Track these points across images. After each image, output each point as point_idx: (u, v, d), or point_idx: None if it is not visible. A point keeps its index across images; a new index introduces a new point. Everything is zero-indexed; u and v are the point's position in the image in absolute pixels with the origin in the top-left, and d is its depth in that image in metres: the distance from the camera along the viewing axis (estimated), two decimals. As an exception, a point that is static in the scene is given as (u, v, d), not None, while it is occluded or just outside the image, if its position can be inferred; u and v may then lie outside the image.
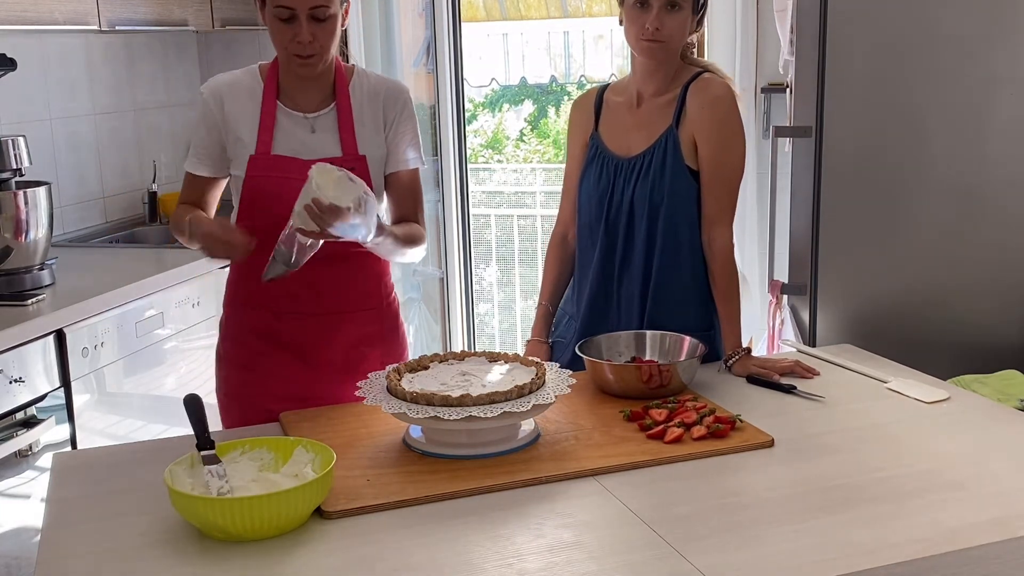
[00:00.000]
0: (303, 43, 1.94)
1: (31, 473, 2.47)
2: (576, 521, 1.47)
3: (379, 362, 2.10)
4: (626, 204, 2.15)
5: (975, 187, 2.52)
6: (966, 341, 2.55)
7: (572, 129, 2.30)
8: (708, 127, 2.11)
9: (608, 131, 2.22)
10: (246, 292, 2.13)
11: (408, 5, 4.37)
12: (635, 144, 2.17)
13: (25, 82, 3.26)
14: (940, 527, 1.43)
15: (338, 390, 2.07)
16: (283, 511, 1.41)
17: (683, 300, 2.16)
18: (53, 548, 1.44)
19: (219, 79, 2.09)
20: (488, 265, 6.65)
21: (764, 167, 3.90)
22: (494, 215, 6.75)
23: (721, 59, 4.01)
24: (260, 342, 2.12)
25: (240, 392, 2.14)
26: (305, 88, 2.06)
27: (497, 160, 8.05)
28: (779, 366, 2.07)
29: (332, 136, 2.06)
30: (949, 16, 2.45)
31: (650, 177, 2.12)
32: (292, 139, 2.04)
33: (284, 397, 2.06)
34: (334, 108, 2.07)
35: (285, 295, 2.07)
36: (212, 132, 2.07)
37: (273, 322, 2.10)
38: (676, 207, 2.12)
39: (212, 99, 2.06)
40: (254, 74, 2.09)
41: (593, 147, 2.23)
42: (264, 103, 2.05)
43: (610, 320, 2.21)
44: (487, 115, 8.37)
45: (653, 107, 2.17)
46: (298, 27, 1.93)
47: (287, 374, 2.11)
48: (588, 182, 2.22)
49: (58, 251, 3.05)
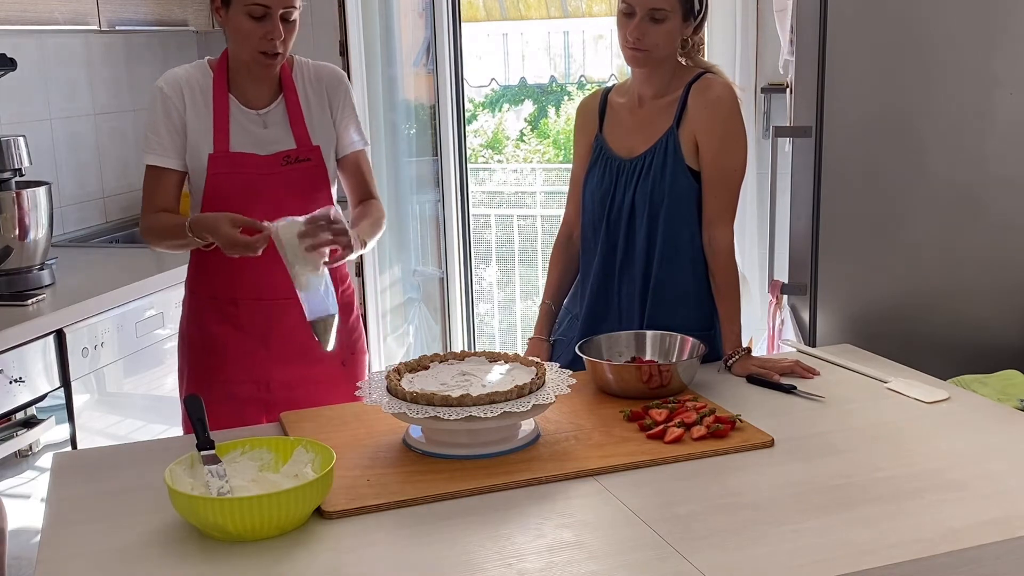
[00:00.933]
0: (275, 40, 2.01)
1: (31, 473, 2.47)
2: (576, 521, 1.47)
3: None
4: (627, 204, 2.16)
5: (975, 187, 2.52)
6: (966, 341, 2.55)
7: (577, 131, 2.31)
8: (709, 127, 2.11)
9: (612, 132, 2.23)
10: (205, 280, 2.20)
11: (408, 5, 4.37)
12: (637, 145, 2.17)
13: (25, 82, 3.26)
14: (940, 527, 1.43)
15: (295, 370, 2.19)
16: (283, 511, 1.41)
17: (683, 300, 2.16)
18: (53, 548, 1.44)
19: (175, 73, 2.13)
20: (488, 265, 6.65)
21: (764, 167, 3.90)
22: (494, 215, 6.76)
23: (721, 59, 4.01)
24: (221, 326, 2.19)
25: (204, 373, 2.21)
26: (256, 84, 2.12)
27: (497, 160, 8.05)
28: (779, 366, 2.07)
29: (284, 129, 2.14)
30: (949, 17, 2.45)
31: (651, 177, 2.13)
32: (247, 135, 2.09)
33: (246, 380, 2.19)
34: (282, 101, 2.15)
35: (242, 283, 2.15)
36: (176, 124, 2.09)
37: (231, 308, 2.18)
38: (677, 207, 2.12)
39: (173, 92, 2.10)
40: (204, 69, 2.14)
41: (597, 148, 2.24)
42: (216, 99, 2.10)
43: (610, 319, 2.22)
44: (487, 115, 8.37)
45: (655, 108, 2.17)
46: (271, 25, 2.00)
47: (248, 356, 2.19)
48: (592, 183, 2.23)
49: (58, 251, 3.05)
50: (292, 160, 2.12)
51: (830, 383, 2.03)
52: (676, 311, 2.15)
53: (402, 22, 4.34)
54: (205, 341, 2.21)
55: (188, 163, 2.12)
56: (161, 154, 2.10)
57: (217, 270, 2.16)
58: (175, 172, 2.12)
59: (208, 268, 2.18)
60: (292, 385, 2.20)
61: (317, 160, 2.15)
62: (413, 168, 4.50)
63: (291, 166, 2.12)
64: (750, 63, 3.97)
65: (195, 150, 2.09)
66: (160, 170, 2.12)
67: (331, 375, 2.23)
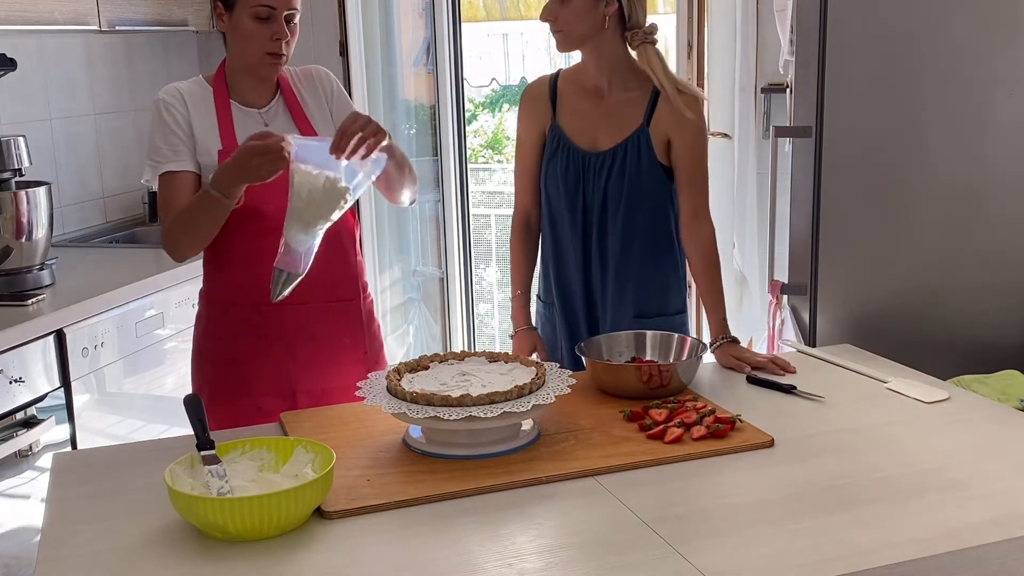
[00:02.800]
0: (281, 41, 2.04)
1: (31, 473, 2.47)
2: (576, 521, 1.47)
3: (357, 352, 2.20)
4: (599, 197, 2.23)
5: (975, 187, 2.52)
6: (966, 341, 2.55)
7: (525, 118, 2.33)
8: (685, 130, 2.19)
9: (569, 122, 2.26)
10: (223, 288, 2.15)
11: (408, 5, 4.37)
12: (602, 138, 2.23)
13: (25, 82, 3.26)
14: (940, 527, 1.43)
15: (321, 380, 2.15)
16: (283, 511, 1.41)
17: (663, 286, 2.28)
18: (53, 548, 1.44)
19: (173, 86, 2.14)
20: (488, 265, 6.65)
21: (764, 167, 3.89)
22: (494, 215, 6.75)
23: (721, 59, 4.01)
24: (243, 337, 2.14)
25: (228, 389, 2.15)
26: (255, 86, 2.14)
27: (497, 160, 8.05)
28: (754, 360, 2.10)
29: (287, 125, 2.14)
30: (949, 16, 2.45)
31: (626, 172, 2.20)
32: (251, 132, 2.07)
33: (271, 392, 2.13)
34: (281, 99, 2.16)
35: (264, 287, 2.08)
36: (183, 127, 2.08)
37: (255, 315, 2.13)
38: (651, 200, 2.23)
39: (174, 100, 2.10)
40: (201, 83, 2.16)
41: (554, 138, 2.27)
42: (218, 104, 2.12)
43: (589, 308, 2.30)
44: (487, 115, 8.37)
45: (621, 101, 2.22)
46: (276, 26, 2.04)
47: (273, 367, 2.14)
48: (554, 173, 2.27)
49: (58, 251, 3.05)
50: None
51: (830, 383, 2.03)
52: (653, 297, 2.26)
53: (402, 22, 4.34)
54: (226, 353, 2.15)
55: (200, 163, 2.09)
56: (174, 159, 2.07)
57: (239, 275, 2.10)
58: (190, 174, 2.08)
59: (229, 274, 2.13)
60: (317, 394, 2.15)
61: None
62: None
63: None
64: (750, 63, 3.97)
65: (204, 148, 2.08)
66: (174, 175, 2.07)
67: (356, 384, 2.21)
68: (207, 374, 2.19)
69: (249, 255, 2.08)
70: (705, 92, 3.87)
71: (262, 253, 2.05)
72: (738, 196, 4.05)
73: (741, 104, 3.99)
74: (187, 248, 2.07)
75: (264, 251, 2.07)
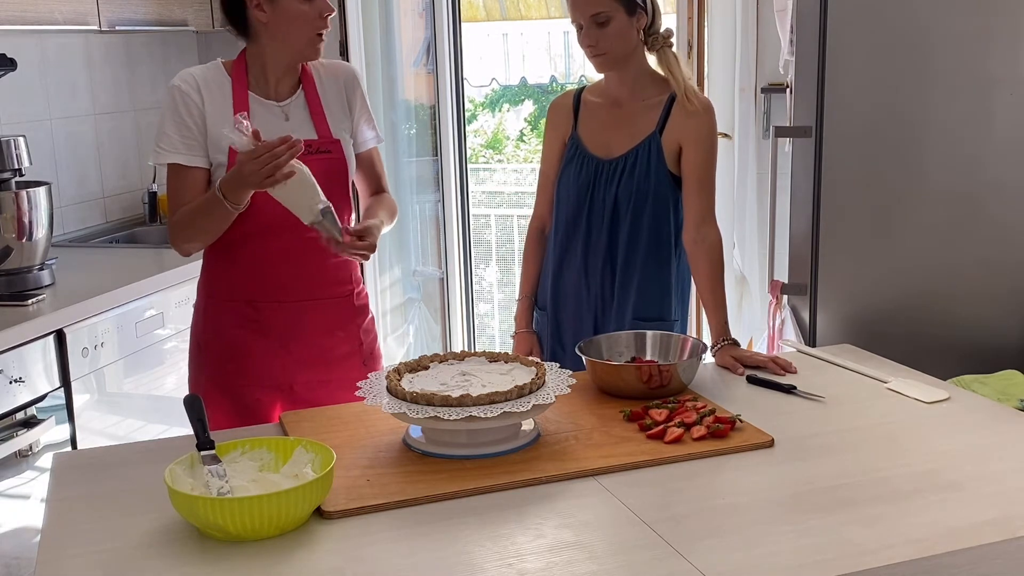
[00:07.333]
0: (328, 16, 2.06)
1: (31, 473, 2.47)
2: (576, 521, 1.47)
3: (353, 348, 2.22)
4: (609, 202, 2.26)
5: (975, 187, 2.52)
6: (966, 341, 2.55)
7: (551, 129, 2.39)
8: (697, 137, 2.22)
9: (587, 131, 2.31)
10: (223, 282, 2.16)
11: (408, 5, 4.37)
12: (615, 144, 2.26)
13: (25, 82, 3.26)
14: (940, 527, 1.43)
15: (316, 373, 2.17)
16: (283, 511, 1.41)
17: (666, 291, 2.30)
18: (53, 548, 1.44)
19: (190, 72, 2.11)
20: (488, 265, 6.65)
21: (764, 167, 3.90)
22: (494, 215, 6.76)
23: (721, 59, 4.01)
24: (241, 330, 2.15)
25: (225, 383, 2.17)
26: (280, 77, 2.12)
27: (497, 160, 8.05)
28: (754, 359, 2.11)
29: (305, 121, 2.14)
30: (949, 17, 2.45)
31: (635, 177, 2.23)
32: (268, 127, 2.07)
33: (267, 385, 2.15)
34: (302, 93, 2.15)
35: (261, 283, 2.12)
36: (196, 120, 2.07)
37: (250, 310, 2.14)
38: (660, 206, 2.25)
39: (190, 88, 2.07)
40: (219, 69, 2.13)
41: (573, 147, 2.31)
42: (236, 94, 2.09)
43: (594, 313, 2.32)
44: (487, 115, 8.37)
45: (634, 110, 2.26)
46: (322, 3, 2.05)
47: (268, 360, 2.15)
48: (567, 179, 2.31)
49: (58, 251, 3.05)
50: (313, 151, 2.10)
51: (830, 383, 2.03)
52: (655, 302, 2.29)
53: (402, 22, 4.34)
54: (224, 345, 2.17)
55: (211, 157, 2.08)
56: (185, 152, 2.06)
57: (236, 270, 2.12)
58: (199, 169, 2.07)
59: (226, 269, 2.14)
60: (313, 388, 2.17)
61: (337, 153, 2.14)
62: (413, 168, 4.50)
63: (312, 156, 2.10)
64: (750, 63, 3.97)
65: (216, 142, 2.06)
66: (183, 168, 2.07)
67: (351, 377, 2.21)
68: (204, 365, 2.21)
69: (245, 249, 2.10)
70: (705, 92, 3.87)
71: (258, 248, 2.09)
72: (738, 196, 4.05)
73: (741, 104, 4.00)
74: (192, 245, 2.11)
75: (260, 246, 2.09)
